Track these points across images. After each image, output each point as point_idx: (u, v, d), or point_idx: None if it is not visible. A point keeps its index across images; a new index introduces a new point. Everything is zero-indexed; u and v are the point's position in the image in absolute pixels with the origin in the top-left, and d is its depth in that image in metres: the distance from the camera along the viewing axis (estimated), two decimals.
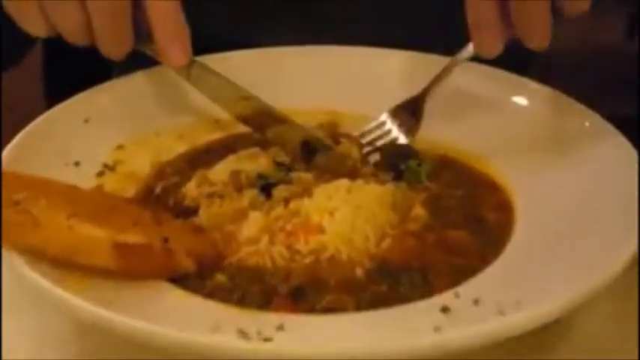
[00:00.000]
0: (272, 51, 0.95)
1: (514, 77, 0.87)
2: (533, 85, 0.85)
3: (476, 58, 0.83)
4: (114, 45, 0.81)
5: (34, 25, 0.81)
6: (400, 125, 0.87)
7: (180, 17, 0.81)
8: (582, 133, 0.77)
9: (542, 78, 0.97)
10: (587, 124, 0.78)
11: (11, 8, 0.82)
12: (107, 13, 0.78)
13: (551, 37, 0.74)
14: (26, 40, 1.03)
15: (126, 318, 0.53)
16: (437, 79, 0.86)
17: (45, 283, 0.57)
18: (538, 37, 0.75)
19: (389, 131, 0.87)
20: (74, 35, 0.80)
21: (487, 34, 0.76)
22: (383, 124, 0.88)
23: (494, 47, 0.76)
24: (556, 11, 0.74)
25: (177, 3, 0.81)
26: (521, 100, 0.84)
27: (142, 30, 0.80)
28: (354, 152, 0.82)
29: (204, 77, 0.85)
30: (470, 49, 0.82)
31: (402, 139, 0.86)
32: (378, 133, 0.87)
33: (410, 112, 0.88)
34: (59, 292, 0.56)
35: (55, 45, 0.95)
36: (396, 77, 0.91)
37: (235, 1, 1.05)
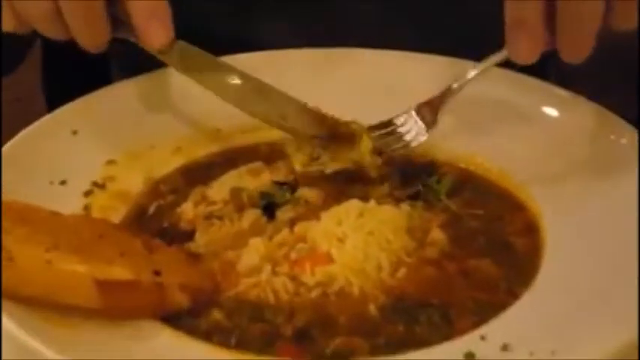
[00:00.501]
0: (280, 53, 0.90)
1: (544, 85, 0.80)
2: (565, 95, 0.78)
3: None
4: (90, 33, 0.76)
5: (6, 23, 0.77)
6: (411, 129, 0.81)
7: None
8: (617, 150, 0.71)
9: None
10: (623, 140, 0.71)
11: None
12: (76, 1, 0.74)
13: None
14: (22, 42, 1.01)
15: None
16: (457, 87, 0.78)
17: (13, 329, 0.51)
18: (580, 46, 0.69)
19: (399, 133, 0.81)
20: (46, 27, 0.77)
21: (526, 37, 0.69)
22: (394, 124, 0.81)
23: (531, 53, 0.70)
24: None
25: None
26: (551, 111, 0.77)
27: (119, 16, 0.76)
28: (365, 139, 0.77)
29: (190, 58, 0.79)
30: (502, 53, 0.74)
31: (411, 141, 0.79)
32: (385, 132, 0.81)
33: (422, 117, 0.80)
34: (28, 339, 0.51)
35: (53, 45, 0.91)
36: (414, 83, 0.84)
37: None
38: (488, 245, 0.67)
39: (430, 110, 0.80)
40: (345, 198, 0.69)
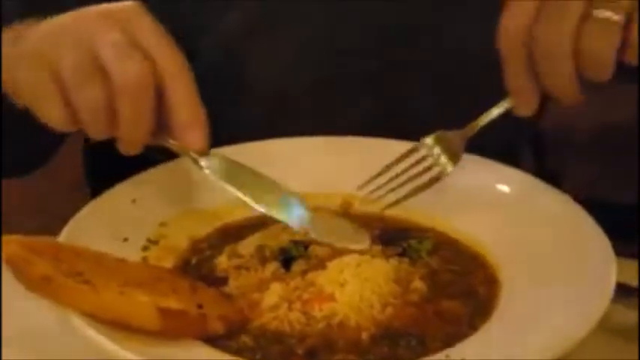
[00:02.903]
0: (293, 141, 1.04)
1: (498, 166, 0.95)
2: (512, 172, 0.94)
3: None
4: (134, 131, 0.79)
5: (53, 113, 0.79)
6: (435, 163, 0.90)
7: (199, 104, 0.81)
8: (556, 216, 0.86)
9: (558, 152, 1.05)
10: (560, 208, 0.87)
11: (28, 96, 0.82)
12: (131, 93, 0.76)
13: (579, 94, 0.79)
14: (50, 142, 1.09)
15: None
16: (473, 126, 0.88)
17: (101, 340, 0.66)
18: (569, 94, 0.79)
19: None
20: (95, 122, 0.78)
21: (525, 98, 0.82)
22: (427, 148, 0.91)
23: (532, 107, 0.83)
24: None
25: (196, 90, 0.81)
26: (503, 187, 0.93)
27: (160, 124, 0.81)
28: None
29: (221, 167, 0.86)
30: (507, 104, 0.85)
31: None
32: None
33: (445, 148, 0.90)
34: (111, 346, 0.66)
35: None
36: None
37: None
38: (457, 292, 0.80)
39: (455, 142, 0.89)
40: (347, 253, 0.82)
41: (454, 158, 0.89)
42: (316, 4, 1.11)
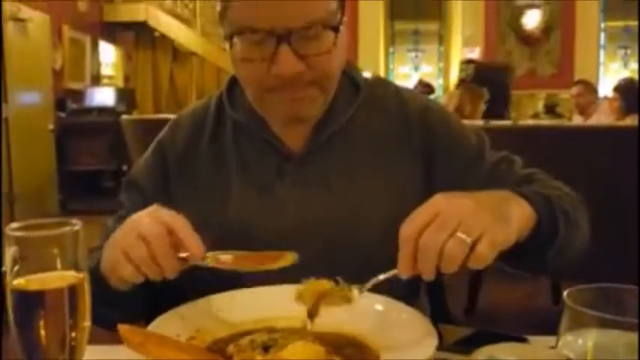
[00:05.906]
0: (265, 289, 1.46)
1: (383, 299, 1.36)
2: (385, 300, 1.35)
3: None
4: (166, 267, 1.19)
5: (126, 272, 1.19)
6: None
7: (197, 240, 1.20)
8: (408, 322, 1.29)
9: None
10: (410, 315, 1.32)
11: (109, 267, 1.23)
12: (153, 244, 1.15)
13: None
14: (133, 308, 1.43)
15: None
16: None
17: None
18: (429, 276, 1.04)
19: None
20: (150, 270, 1.18)
21: (405, 270, 1.08)
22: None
23: (408, 276, 1.08)
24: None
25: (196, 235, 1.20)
26: (379, 307, 1.36)
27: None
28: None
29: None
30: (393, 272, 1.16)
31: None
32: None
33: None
34: None
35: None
36: None
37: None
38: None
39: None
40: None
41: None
42: (291, 193, 1.49)
